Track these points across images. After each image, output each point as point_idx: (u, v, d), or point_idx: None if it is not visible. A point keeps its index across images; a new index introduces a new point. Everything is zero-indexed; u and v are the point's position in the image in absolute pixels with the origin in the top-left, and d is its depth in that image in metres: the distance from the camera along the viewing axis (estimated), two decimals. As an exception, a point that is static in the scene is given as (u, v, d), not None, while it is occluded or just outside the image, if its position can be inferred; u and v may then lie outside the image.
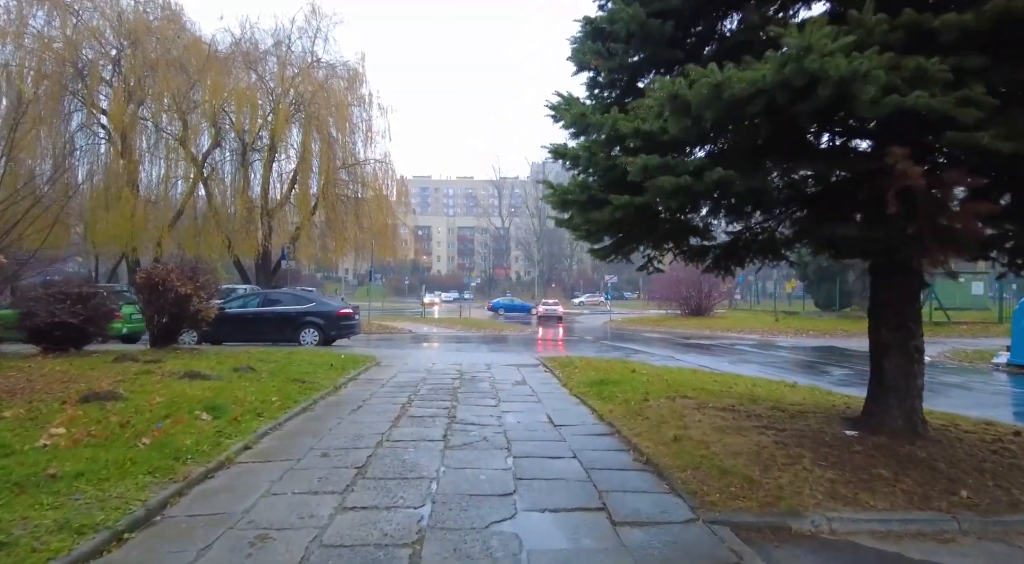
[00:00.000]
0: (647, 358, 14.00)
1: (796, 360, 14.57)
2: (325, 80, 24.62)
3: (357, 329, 15.73)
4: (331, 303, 15.21)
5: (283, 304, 14.88)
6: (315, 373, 8.64)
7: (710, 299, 32.82)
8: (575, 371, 9.64)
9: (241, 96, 21.39)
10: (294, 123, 24.37)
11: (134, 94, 22.22)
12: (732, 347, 18.00)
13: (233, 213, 23.35)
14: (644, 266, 6.89)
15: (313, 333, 14.68)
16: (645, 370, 9.96)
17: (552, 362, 11.15)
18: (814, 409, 6.27)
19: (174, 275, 10.13)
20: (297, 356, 10.52)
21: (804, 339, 21.61)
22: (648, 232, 6.24)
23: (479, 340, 19.64)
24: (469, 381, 8.87)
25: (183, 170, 23.75)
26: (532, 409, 6.72)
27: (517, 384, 8.70)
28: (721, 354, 15.82)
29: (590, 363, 10.67)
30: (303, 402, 6.62)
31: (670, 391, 7.42)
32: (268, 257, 25.42)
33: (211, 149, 24.59)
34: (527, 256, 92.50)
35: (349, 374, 9.09)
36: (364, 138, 25.80)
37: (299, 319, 14.68)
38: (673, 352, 15.94)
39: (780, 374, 11.39)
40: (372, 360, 11.16)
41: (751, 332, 24.25)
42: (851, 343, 19.54)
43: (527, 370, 10.38)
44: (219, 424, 5.12)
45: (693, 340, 20.66)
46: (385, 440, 5.10)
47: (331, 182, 24.66)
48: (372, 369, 10.20)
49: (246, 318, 14.63)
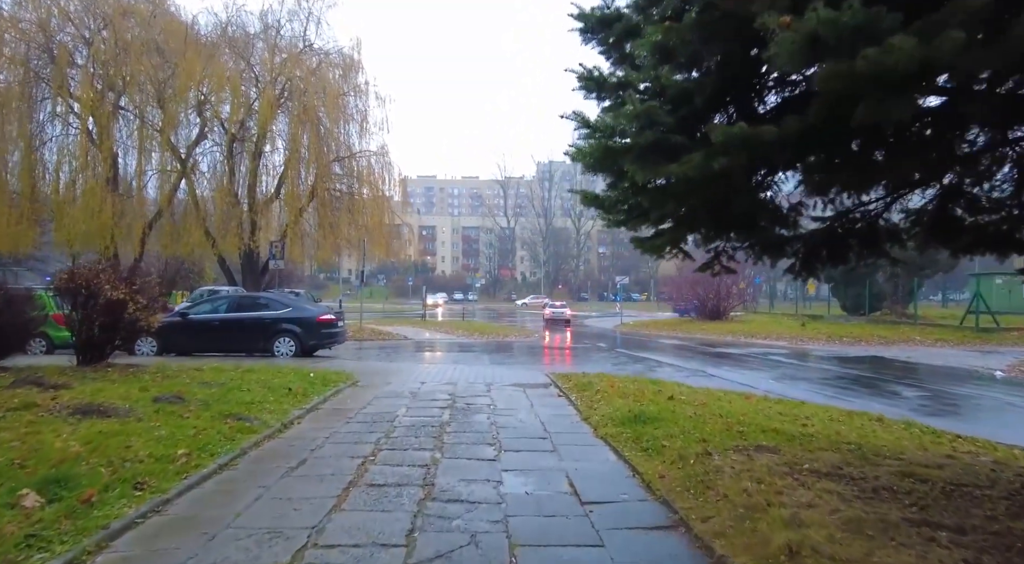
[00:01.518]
0: (675, 373, 12.02)
1: (847, 375, 12.54)
2: (317, 67, 22.79)
3: (341, 337, 13.82)
4: (310, 308, 13.31)
5: (254, 309, 12.99)
6: (264, 403, 6.71)
7: (727, 302, 30.74)
8: (596, 397, 7.67)
9: (221, 80, 19.53)
10: (283, 112, 22.55)
11: (108, 79, 20.48)
12: (765, 357, 15.97)
13: (216, 209, 21.54)
14: (709, 265, 4.96)
15: (289, 343, 12.78)
16: (684, 394, 7.98)
17: (566, 382, 9.18)
18: (961, 473, 4.28)
19: (104, 277, 8.23)
20: (254, 375, 8.60)
21: (838, 346, 19.54)
22: (714, 215, 4.32)
23: (481, 348, 17.69)
24: (462, 412, 6.92)
25: (164, 162, 21.96)
26: (547, 467, 4.76)
27: (524, 418, 6.74)
28: (758, 366, 13.81)
29: (612, 383, 8.70)
30: (224, 454, 4.69)
31: (734, 434, 5.45)
32: (255, 257, 23.61)
33: (197, 141, 22.83)
34: (533, 257, 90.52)
35: (311, 401, 7.15)
36: (359, 129, 23.93)
37: (273, 326, 12.79)
38: (702, 364, 13.93)
39: (843, 396, 9.40)
40: (348, 379, 9.23)
41: (777, 338, 22.19)
42: (894, 352, 17.48)
43: (536, 393, 8.42)
44: (47, 514, 3.19)
45: (718, 348, 18.64)
46: (312, 544, 3.16)
47: (323, 176, 22.86)
48: (344, 392, 8.27)
49: (212, 325, 12.75)
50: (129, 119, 21.83)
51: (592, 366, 13.01)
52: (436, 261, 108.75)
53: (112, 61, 19.90)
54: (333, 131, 23.32)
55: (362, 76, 24.28)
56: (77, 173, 19.71)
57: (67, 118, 21.09)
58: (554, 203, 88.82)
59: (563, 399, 7.99)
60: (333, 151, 23.66)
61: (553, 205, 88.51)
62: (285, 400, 6.98)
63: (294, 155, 22.22)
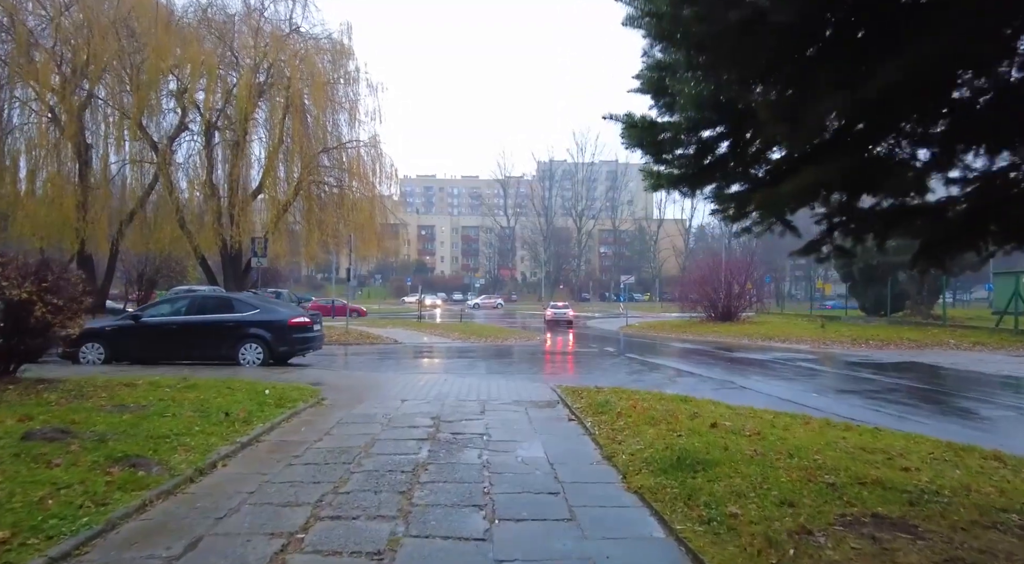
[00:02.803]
0: (700, 385, 10.39)
1: (897, 386, 10.89)
2: (304, 52, 21.18)
3: (317, 342, 12.19)
4: (280, 310, 11.67)
5: (217, 311, 11.35)
6: (186, 435, 5.09)
7: (739, 302, 29.07)
8: (619, 422, 6.05)
9: (196, 63, 17.89)
10: (266, 100, 20.95)
11: (75, 61, 18.89)
12: (793, 364, 14.34)
13: (189, 202, 19.95)
14: (816, 245, 3.41)
15: (257, 349, 11.15)
16: (726, 418, 6.36)
17: (577, 399, 7.56)
18: None
19: (3, 273, 6.60)
20: (193, 393, 6.98)
21: (866, 350, 17.92)
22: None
23: (478, 353, 16.06)
24: (446, 448, 5.29)
25: (135, 152, 20.36)
26: (563, 555, 3.13)
27: (527, 456, 5.11)
28: (790, 375, 12.17)
29: (634, 402, 7.08)
30: (67, 536, 3.07)
31: (824, 489, 3.83)
32: (238, 255, 22.02)
33: (177, 131, 21.23)
34: (533, 256, 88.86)
35: (251, 431, 5.53)
36: (349, 118, 22.37)
37: (238, 331, 11.16)
38: (727, 373, 12.30)
39: (911, 416, 7.78)
40: (313, 395, 7.61)
41: (797, 341, 20.55)
42: (931, 357, 15.85)
43: (542, 416, 6.79)
44: None
45: (737, 353, 17.00)
46: None
47: (309, 168, 21.28)
48: (302, 415, 6.64)
49: (169, 330, 11.12)
50: (100, 106, 20.28)
51: (603, 376, 11.40)
52: (435, 261, 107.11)
53: (80, 42, 18.31)
54: (320, 119, 21.75)
55: (352, 63, 22.72)
56: (39, 162, 18.12)
57: (29, 104, 19.53)
58: (555, 202, 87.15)
59: (575, 424, 6.36)
60: (321, 141, 22.10)
61: (554, 204, 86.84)
62: (216, 430, 5.36)
63: (276, 145, 20.64)
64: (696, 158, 2.96)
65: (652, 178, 3.16)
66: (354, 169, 21.94)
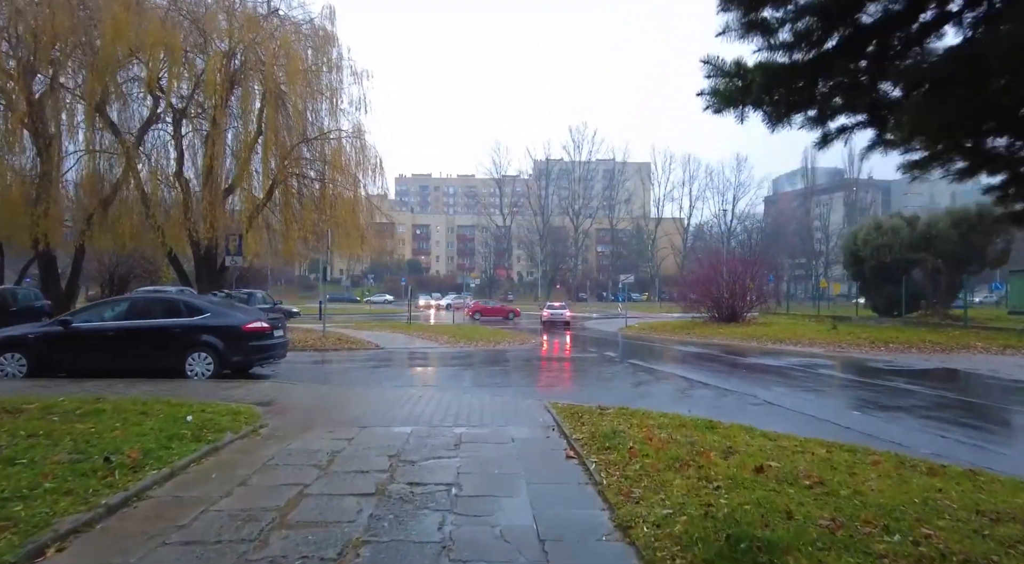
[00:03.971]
0: (720, 400, 8.95)
1: (947, 401, 9.45)
2: (282, 36, 19.68)
3: (278, 350, 10.67)
4: (234, 313, 10.13)
5: (161, 315, 9.83)
6: (23, 498, 3.61)
7: (744, 302, 27.58)
8: (633, 465, 4.58)
9: (158, 43, 16.30)
10: (240, 86, 19.41)
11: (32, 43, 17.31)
12: (814, 371, 12.91)
13: (154, 194, 18.42)
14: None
15: (206, 360, 9.65)
16: (771, 454, 4.91)
17: (577, 425, 6.10)
18: None
19: None
20: (82, 425, 5.48)
21: (887, 353, 16.51)
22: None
23: (465, 360, 14.58)
24: (397, 511, 3.81)
25: (101, 142, 18.83)
26: None
27: (508, 525, 3.63)
28: (817, 386, 10.73)
29: (649, 431, 5.64)
30: None
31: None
32: (211, 253, 20.54)
33: (149, 121, 19.71)
34: (529, 256, 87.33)
35: (136, 484, 4.03)
36: (330, 107, 20.88)
37: (184, 338, 9.66)
38: (746, 383, 10.83)
39: (989, 445, 6.34)
40: (249, 421, 6.13)
41: (810, 344, 19.12)
42: (962, 362, 14.46)
43: (533, 453, 5.32)
44: None
45: (749, 358, 15.56)
46: None
47: (287, 160, 19.82)
48: (224, 452, 5.15)
49: (103, 337, 9.59)
50: (58, 90, 18.70)
51: (605, 389, 9.95)
52: (430, 260, 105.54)
53: (38, 22, 16.73)
54: (299, 107, 20.27)
55: (335, 49, 21.22)
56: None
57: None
58: (551, 201, 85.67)
59: (576, 465, 4.89)
60: (300, 132, 20.62)
61: (550, 203, 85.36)
62: (79, 486, 3.86)
63: (250, 136, 19.15)
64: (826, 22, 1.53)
65: (734, 79, 1.75)
66: (336, 161, 20.43)
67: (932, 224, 23.93)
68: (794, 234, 76.78)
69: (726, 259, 30.93)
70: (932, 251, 23.27)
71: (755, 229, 77.83)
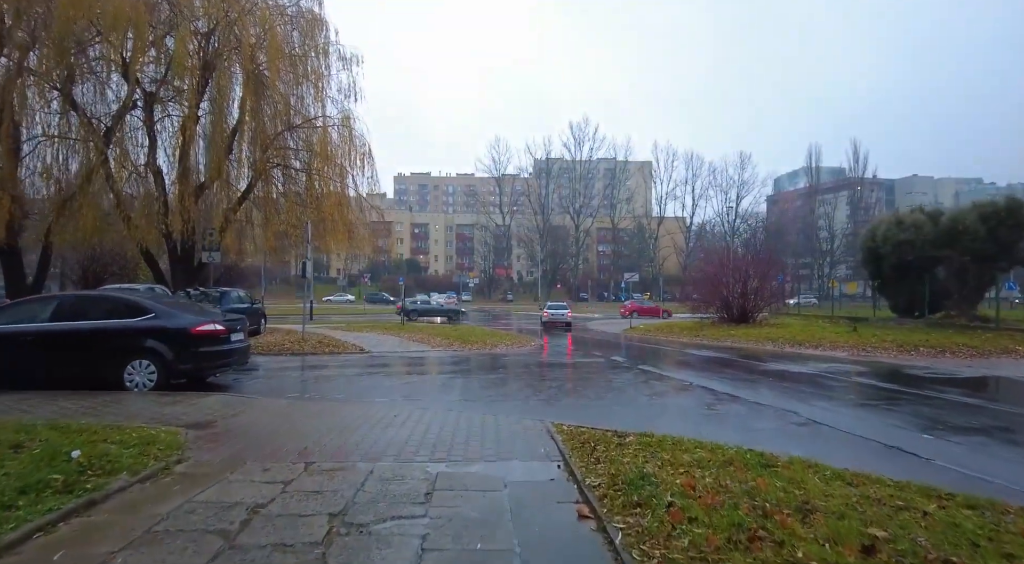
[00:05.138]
0: (754, 419, 7.50)
1: (1021, 417, 8.01)
2: (264, 14, 18.25)
3: (237, 357, 9.19)
4: (183, 314, 8.64)
5: (96, 316, 8.36)
6: None
7: (756, 302, 26.07)
8: (679, 542, 3.13)
9: (117, 11, 14.76)
10: (218, 69, 17.94)
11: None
12: (849, 380, 11.45)
13: (118, 182, 16.94)
14: None
15: (148, 368, 8.20)
16: (868, 513, 3.46)
17: (590, 462, 4.66)
18: None
19: None
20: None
21: (920, 359, 15.07)
22: None
23: (457, 367, 13.12)
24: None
25: (60, 126, 17.38)
26: None
27: None
28: (860, 398, 9.27)
29: (689, 475, 4.20)
30: None
31: None
32: (187, 249, 19.11)
33: (124, 107, 18.22)
34: (529, 255, 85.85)
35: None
36: (315, 91, 19.43)
37: (124, 343, 8.20)
38: (780, 397, 9.35)
39: None
40: (164, 454, 4.67)
41: (832, 347, 17.67)
42: (1010, 368, 13.01)
43: (532, 511, 3.85)
44: None
45: (771, 364, 14.09)
46: None
47: (268, 149, 18.40)
48: (98, 511, 3.66)
49: (25, 342, 8.11)
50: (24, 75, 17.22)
51: (619, 405, 8.49)
52: (429, 260, 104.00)
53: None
54: (282, 93, 18.83)
55: (323, 33, 19.79)
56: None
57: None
58: (552, 199, 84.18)
59: (594, 533, 3.41)
60: (283, 119, 19.20)
61: (551, 201, 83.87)
62: None
63: (224, 121, 17.69)
64: None
65: None
66: (321, 150, 18.95)
67: (957, 219, 22.44)
68: (799, 232, 75.38)
69: (733, 257, 29.41)
70: (958, 248, 21.79)
71: (759, 228, 76.40)
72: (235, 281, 30.96)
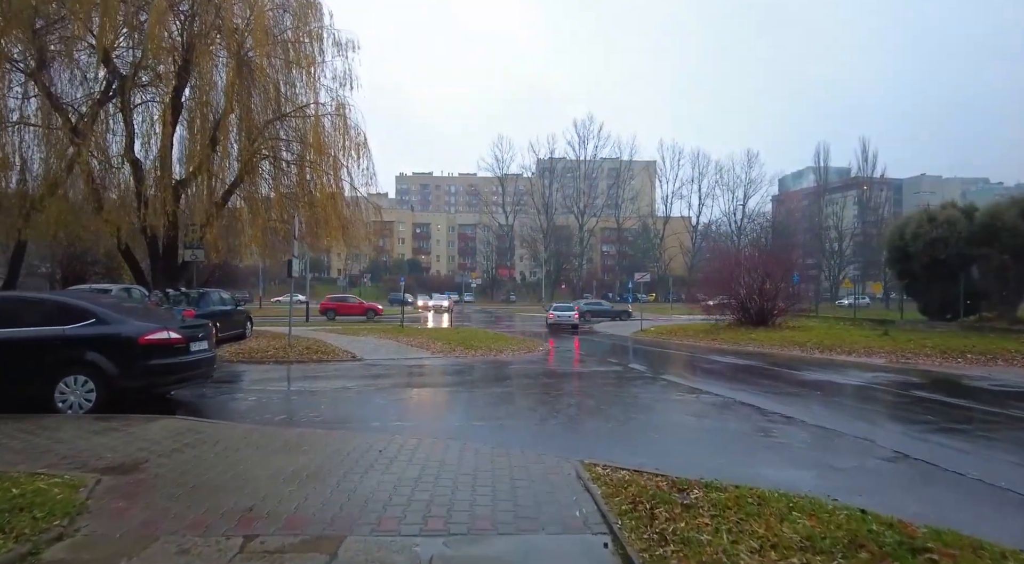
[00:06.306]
0: (822, 449, 6.03)
1: None
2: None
3: (200, 370, 7.74)
4: (130, 321, 7.18)
5: (23, 322, 6.93)
6: None
7: (775, 303, 24.44)
8: None
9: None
10: (200, 53, 16.53)
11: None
12: (912, 396, 9.96)
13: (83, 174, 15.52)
14: None
15: (86, 385, 6.77)
16: None
17: (654, 545, 3.20)
18: None
19: None
20: None
21: (968, 367, 13.62)
22: None
23: (459, 379, 11.65)
24: None
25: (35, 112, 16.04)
26: None
27: None
28: (944, 420, 7.78)
29: None
30: None
31: None
32: (169, 247, 17.75)
33: (105, 96, 16.83)
34: (533, 255, 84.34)
35: None
36: (306, 77, 18.03)
37: (53, 355, 6.76)
38: (838, 415, 7.86)
39: None
40: (40, 525, 3.23)
41: (866, 354, 16.13)
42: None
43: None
44: None
45: (806, 373, 12.60)
46: None
47: (256, 139, 17.04)
48: None
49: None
50: None
51: (656, 430, 7.04)
52: (431, 260, 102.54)
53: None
54: (269, 74, 17.48)
55: (317, 15, 18.46)
56: None
57: None
58: (555, 199, 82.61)
59: None
60: (273, 107, 17.86)
61: (554, 201, 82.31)
62: None
63: (206, 108, 16.29)
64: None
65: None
66: (313, 141, 17.58)
67: (995, 215, 20.93)
68: (806, 232, 73.77)
69: (746, 257, 27.83)
70: (996, 245, 20.29)
71: (767, 228, 74.88)
72: (231, 282, 29.61)
